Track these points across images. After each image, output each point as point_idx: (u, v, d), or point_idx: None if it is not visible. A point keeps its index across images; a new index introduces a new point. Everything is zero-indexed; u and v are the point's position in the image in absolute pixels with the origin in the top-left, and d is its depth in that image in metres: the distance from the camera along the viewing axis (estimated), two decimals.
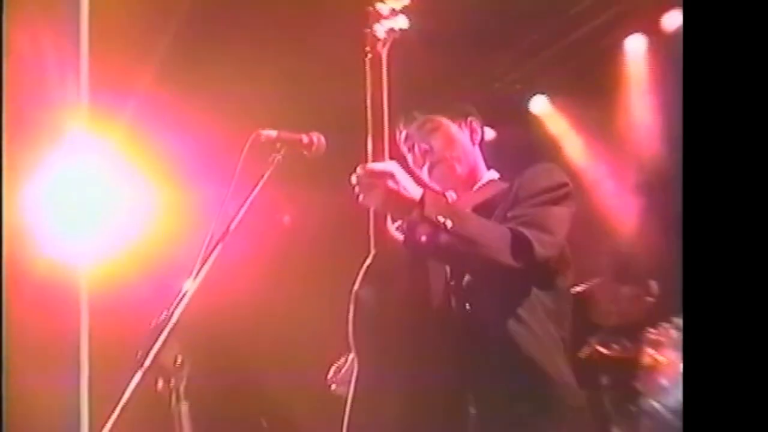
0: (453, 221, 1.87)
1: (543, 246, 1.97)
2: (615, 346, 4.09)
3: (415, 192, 1.90)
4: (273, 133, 2.29)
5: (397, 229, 2.06)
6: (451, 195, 2.31)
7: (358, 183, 1.93)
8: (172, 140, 4.11)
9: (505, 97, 5.32)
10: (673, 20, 4.57)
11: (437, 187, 2.27)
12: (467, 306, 2.01)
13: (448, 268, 2.04)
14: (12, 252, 3.23)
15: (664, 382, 3.77)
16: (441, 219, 1.86)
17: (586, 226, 2.41)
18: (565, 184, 2.16)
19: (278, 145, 2.26)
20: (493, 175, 2.38)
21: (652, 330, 3.97)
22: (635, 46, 4.85)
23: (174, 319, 1.89)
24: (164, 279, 3.69)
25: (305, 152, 2.29)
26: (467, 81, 5.06)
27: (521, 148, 4.69)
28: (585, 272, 4.00)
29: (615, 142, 5.05)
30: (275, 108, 3.87)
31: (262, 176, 2.26)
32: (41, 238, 3.59)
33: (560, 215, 2.10)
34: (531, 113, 5.37)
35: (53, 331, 3.34)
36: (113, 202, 4.08)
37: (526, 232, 1.95)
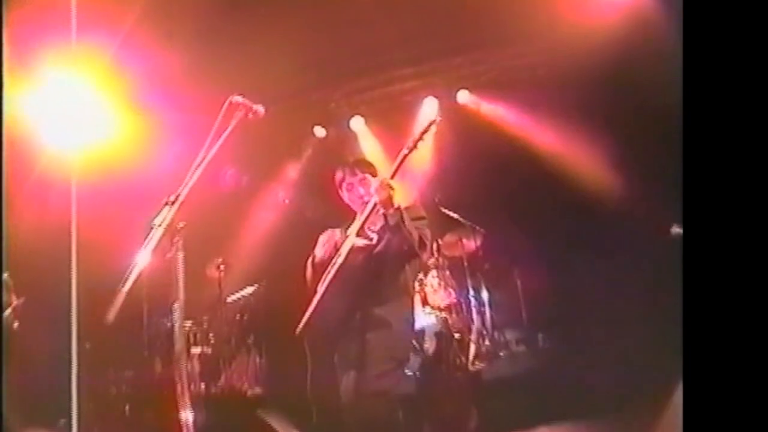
0: (412, 227, 3.56)
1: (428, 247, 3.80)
2: None
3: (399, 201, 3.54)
4: (240, 99, 3.04)
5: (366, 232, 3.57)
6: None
7: (378, 187, 3.50)
8: (149, 74, 5.23)
9: (335, 113, 7.75)
10: (461, 97, 7.30)
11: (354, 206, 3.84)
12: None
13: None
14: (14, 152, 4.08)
15: None
16: (407, 223, 3.52)
17: None
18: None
19: (240, 107, 3.03)
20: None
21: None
22: (429, 106, 7.41)
23: (181, 199, 2.76)
24: (146, 179, 4.86)
25: (250, 116, 3.05)
26: (316, 97, 7.41)
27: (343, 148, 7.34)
28: None
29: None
30: (238, 72, 4.99)
31: (227, 127, 2.97)
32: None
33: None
34: (350, 127, 7.84)
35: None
36: (99, 119, 5.15)
37: (426, 240, 3.68)
